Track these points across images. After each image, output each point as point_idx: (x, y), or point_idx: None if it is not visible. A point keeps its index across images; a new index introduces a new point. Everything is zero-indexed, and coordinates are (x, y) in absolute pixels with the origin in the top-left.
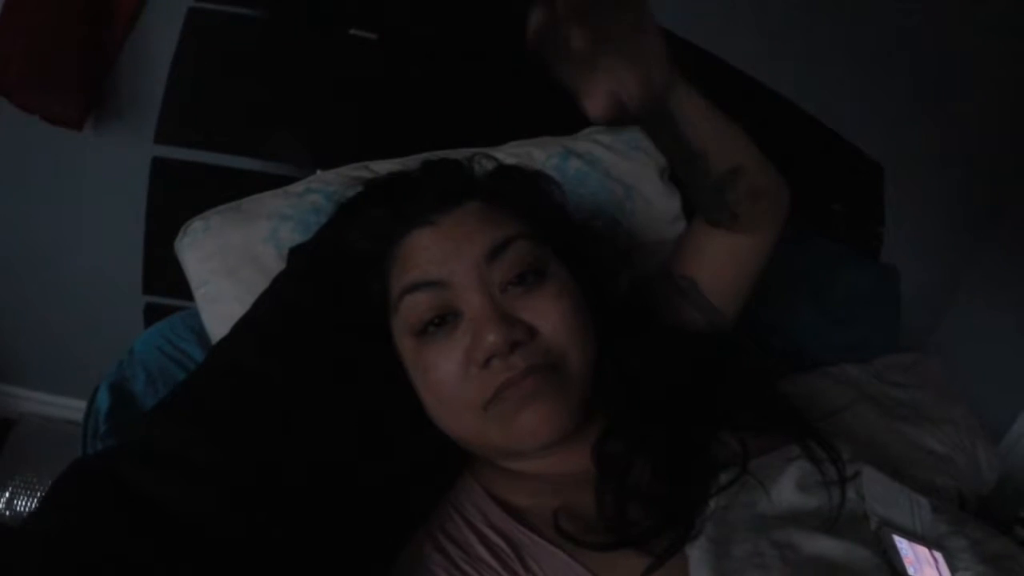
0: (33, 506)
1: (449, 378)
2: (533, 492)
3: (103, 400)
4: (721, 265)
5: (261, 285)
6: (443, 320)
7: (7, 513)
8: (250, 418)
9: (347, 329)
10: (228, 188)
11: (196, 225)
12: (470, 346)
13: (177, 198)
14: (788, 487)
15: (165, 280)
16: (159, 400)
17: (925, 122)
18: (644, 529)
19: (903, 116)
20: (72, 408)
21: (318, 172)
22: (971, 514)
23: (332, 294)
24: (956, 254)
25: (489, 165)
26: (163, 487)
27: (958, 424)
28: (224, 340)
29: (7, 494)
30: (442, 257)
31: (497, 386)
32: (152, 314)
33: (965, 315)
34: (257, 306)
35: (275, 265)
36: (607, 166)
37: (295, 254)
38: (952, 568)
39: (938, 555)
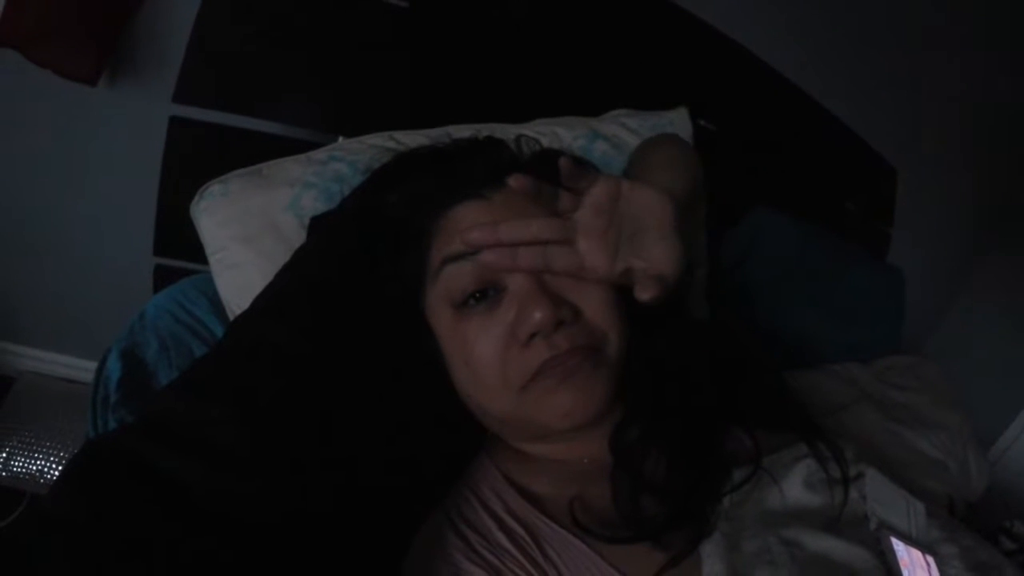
0: (30, 466)
1: (489, 354)
2: (551, 479)
3: (114, 367)
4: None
5: (281, 254)
6: (484, 294)
7: (4, 473)
8: (280, 400)
9: (376, 305)
10: (247, 151)
11: (214, 188)
12: (514, 322)
13: (193, 159)
14: (796, 484)
15: (177, 242)
16: (180, 374)
17: (934, 125)
18: (659, 524)
19: (915, 118)
20: (72, 367)
21: (340, 139)
22: (959, 521)
23: (361, 268)
24: (958, 258)
25: (535, 147)
26: (189, 468)
27: (952, 430)
28: (247, 315)
29: (4, 454)
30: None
31: (538, 365)
32: (162, 276)
33: (962, 320)
34: (281, 279)
35: (295, 234)
36: (631, 150)
37: (318, 224)
38: (943, 573)
39: (931, 559)
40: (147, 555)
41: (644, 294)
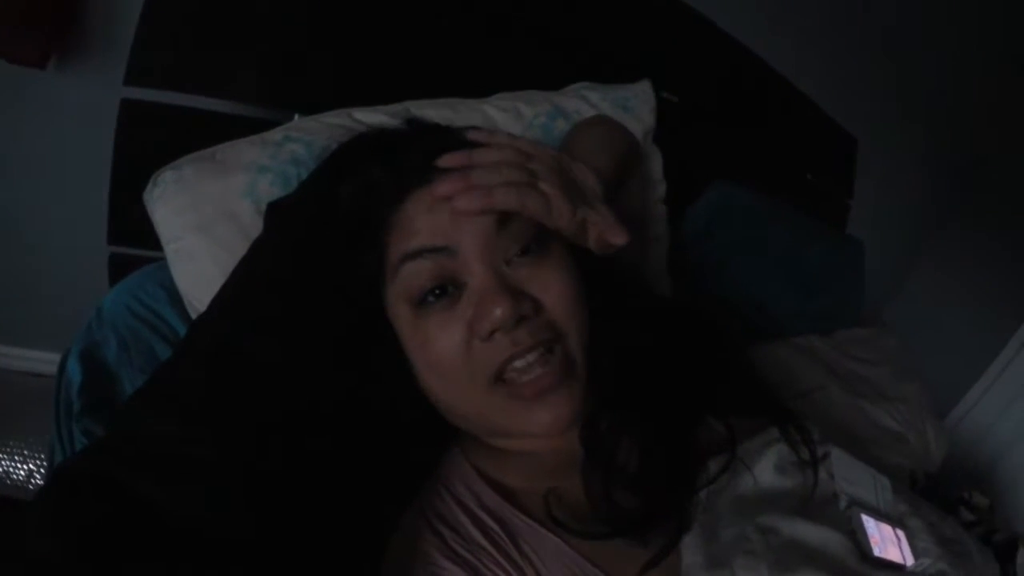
0: None
1: (450, 352)
2: (524, 473)
3: (74, 372)
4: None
5: (238, 242)
6: (444, 291)
7: None
8: (247, 410)
9: (334, 301)
10: (202, 132)
11: (167, 175)
12: (473, 318)
13: (147, 143)
14: (767, 470)
15: (131, 230)
16: (144, 384)
17: (894, 95)
18: (634, 519)
19: (873, 89)
20: (36, 360)
21: (296, 117)
22: (921, 495)
23: (320, 263)
24: (916, 229)
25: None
26: (160, 490)
27: (910, 402)
28: (207, 316)
29: None
30: (449, 222)
31: (501, 361)
32: (117, 265)
33: (919, 290)
34: (239, 276)
35: (253, 221)
36: None
37: (274, 211)
38: (913, 547)
39: (900, 533)
40: None
41: (616, 239)
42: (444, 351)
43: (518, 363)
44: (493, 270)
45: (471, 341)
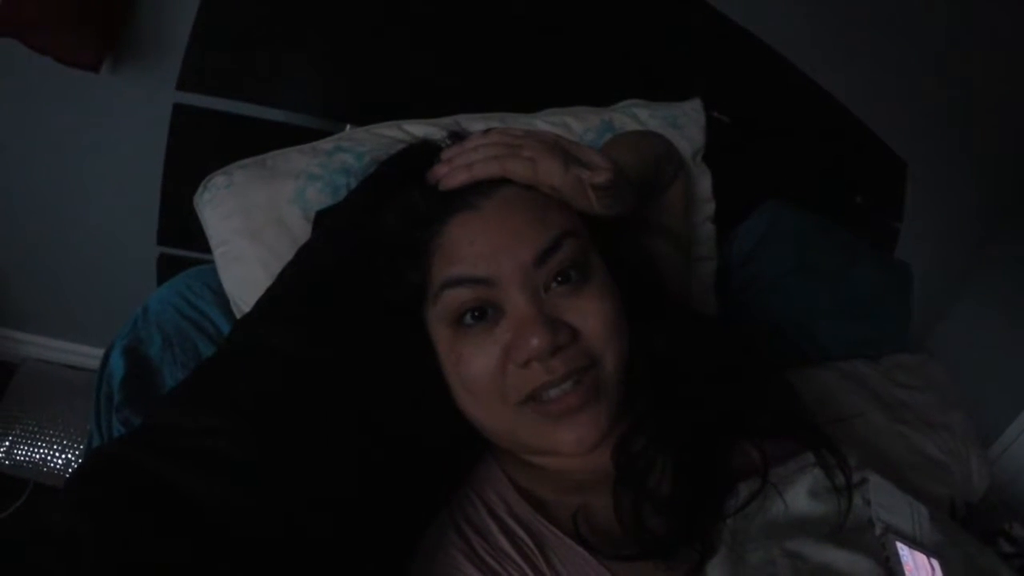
0: (33, 455)
1: (484, 373)
2: (556, 487)
3: (117, 365)
4: (668, 207)
5: (286, 248)
6: (483, 314)
7: (7, 462)
8: (284, 409)
9: (377, 312)
10: (252, 139)
11: (218, 180)
12: (510, 345)
13: (198, 147)
14: (801, 495)
15: (181, 231)
16: (185, 379)
17: (945, 120)
18: (663, 542)
19: (924, 114)
20: (76, 353)
21: (348, 128)
22: (960, 525)
23: (365, 274)
24: (965, 253)
25: None
26: (193, 481)
27: (955, 431)
28: (250, 316)
29: (7, 442)
30: (490, 253)
31: (533, 388)
32: (166, 265)
33: (966, 316)
34: (286, 281)
35: (301, 227)
36: None
37: (323, 219)
38: None
39: (935, 563)
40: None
41: (598, 178)
42: (478, 371)
43: (552, 392)
44: (532, 300)
45: (506, 365)
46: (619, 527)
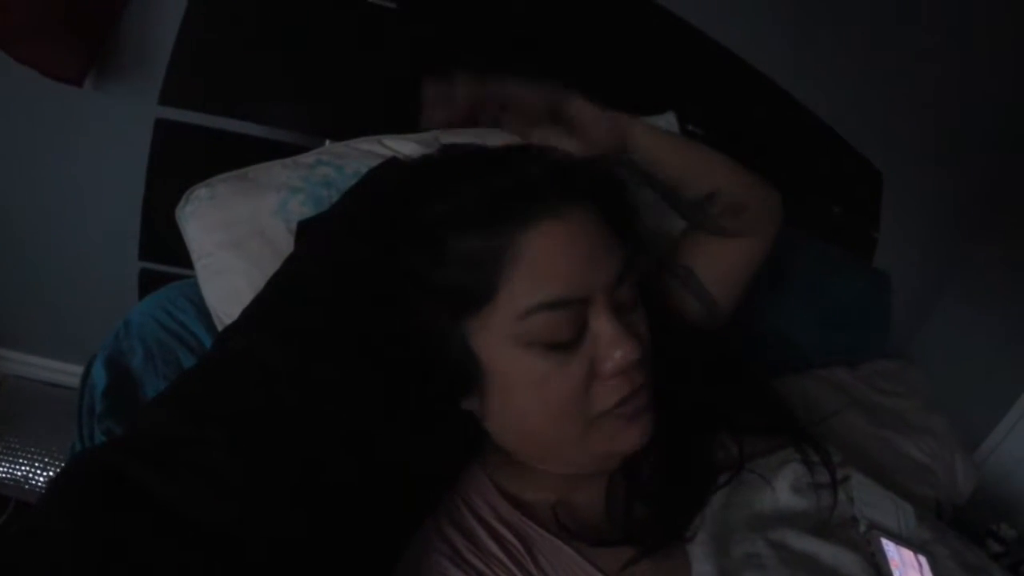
0: (15, 472)
1: (573, 392)
2: (539, 487)
3: (99, 376)
4: (715, 260)
5: (268, 260)
6: (577, 333)
7: None
8: (266, 419)
9: (375, 318)
10: (233, 155)
11: (200, 192)
12: (599, 360)
13: (180, 162)
14: (783, 488)
15: (162, 247)
16: (167, 388)
17: (919, 128)
18: (647, 529)
19: (900, 122)
20: (60, 371)
21: (327, 143)
22: (948, 524)
23: (360, 280)
24: (943, 260)
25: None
26: (173, 489)
27: (938, 434)
28: (236, 327)
29: None
30: (582, 270)
31: (620, 398)
32: (147, 280)
33: (947, 322)
34: (270, 290)
35: (284, 240)
36: None
37: (306, 230)
38: (936, 573)
39: (923, 559)
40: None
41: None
42: (568, 391)
43: (630, 405)
44: (619, 316)
45: (591, 380)
46: (604, 518)
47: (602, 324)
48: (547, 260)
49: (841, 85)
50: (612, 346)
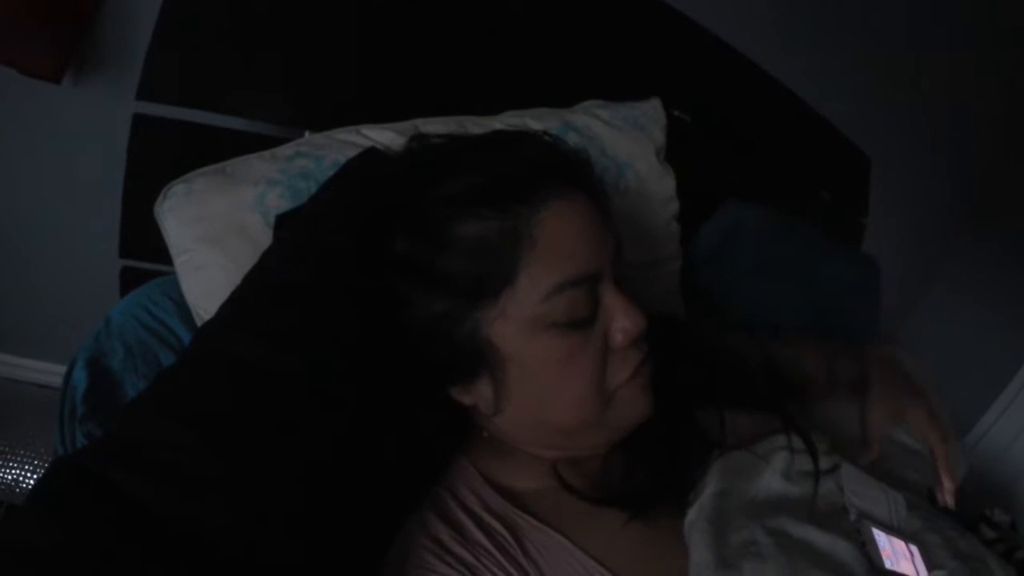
0: (5, 475)
1: (594, 365)
2: (528, 474)
3: (80, 378)
4: None
5: (248, 255)
6: (593, 309)
7: None
8: (243, 419)
9: (359, 309)
10: (212, 149)
11: (178, 188)
12: (612, 331)
13: (159, 157)
14: (775, 475)
15: (143, 244)
16: (146, 388)
17: (908, 114)
18: (644, 494)
19: (889, 110)
20: (43, 371)
21: (307, 134)
22: (940, 511)
23: (343, 271)
24: (932, 246)
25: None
26: (152, 493)
27: None
28: (212, 324)
29: None
30: (591, 247)
31: (634, 367)
32: (129, 278)
33: (937, 307)
34: (247, 285)
35: (263, 234)
36: (603, 143)
37: (285, 222)
38: (928, 562)
39: (914, 548)
40: None
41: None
42: (586, 366)
43: (644, 374)
44: (623, 286)
45: (607, 353)
46: (599, 487)
47: (614, 296)
48: (563, 240)
49: (829, 70)
50: (625, 316)
